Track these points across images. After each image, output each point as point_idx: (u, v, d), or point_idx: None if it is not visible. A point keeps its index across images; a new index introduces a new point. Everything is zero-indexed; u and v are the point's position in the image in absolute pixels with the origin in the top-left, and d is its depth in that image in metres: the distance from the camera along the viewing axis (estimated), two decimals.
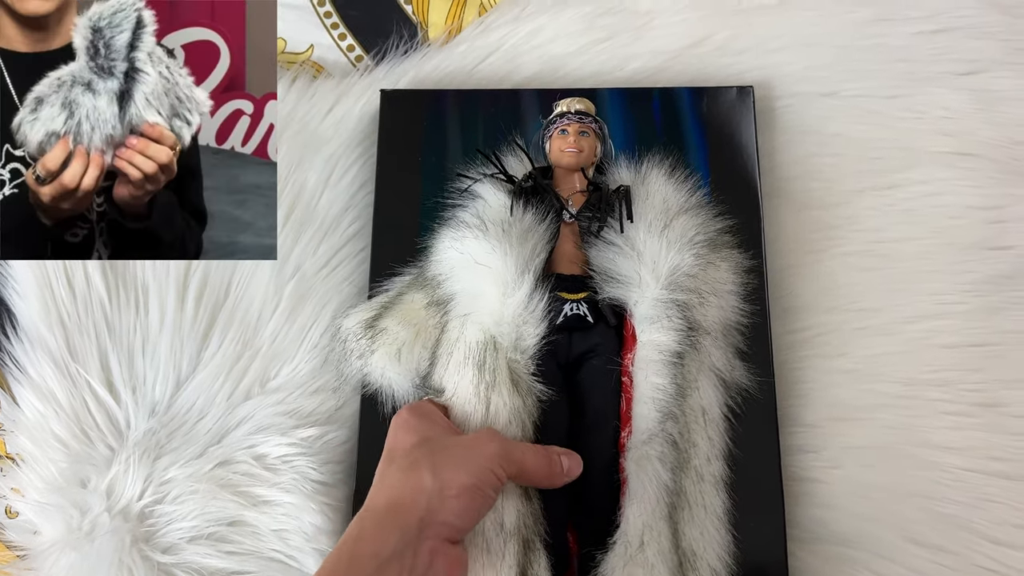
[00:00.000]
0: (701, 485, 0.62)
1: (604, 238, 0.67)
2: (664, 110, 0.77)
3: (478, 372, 0.63)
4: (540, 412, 0.64)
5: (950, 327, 0.73)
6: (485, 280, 0.65)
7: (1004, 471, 0.69)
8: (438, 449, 0.57)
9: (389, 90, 0.79)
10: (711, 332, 0.66)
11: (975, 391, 0.71)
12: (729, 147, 0.75)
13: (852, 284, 0.74)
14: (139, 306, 0.75)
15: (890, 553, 0.68)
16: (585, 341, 0.66)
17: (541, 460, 0.60)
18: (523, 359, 0.64)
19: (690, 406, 0.63)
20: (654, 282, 0.64)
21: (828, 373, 0.73)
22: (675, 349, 0.63)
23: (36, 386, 0.73)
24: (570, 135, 0.70)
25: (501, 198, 0.69)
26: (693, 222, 0.67)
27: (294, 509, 0.70)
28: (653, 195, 0.68)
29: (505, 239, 0.65)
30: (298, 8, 0.87)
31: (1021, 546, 0.67)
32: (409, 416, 0.61)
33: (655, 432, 0.62)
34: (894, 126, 0.79)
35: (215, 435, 0.72)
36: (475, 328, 0.65)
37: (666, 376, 0.63)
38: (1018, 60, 0.81)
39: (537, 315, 0.64)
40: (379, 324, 0.68)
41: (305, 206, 0.79)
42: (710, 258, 0.67)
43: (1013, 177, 0.76)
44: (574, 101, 0.72)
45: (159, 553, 0.69)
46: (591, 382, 0.66)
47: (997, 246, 0.75)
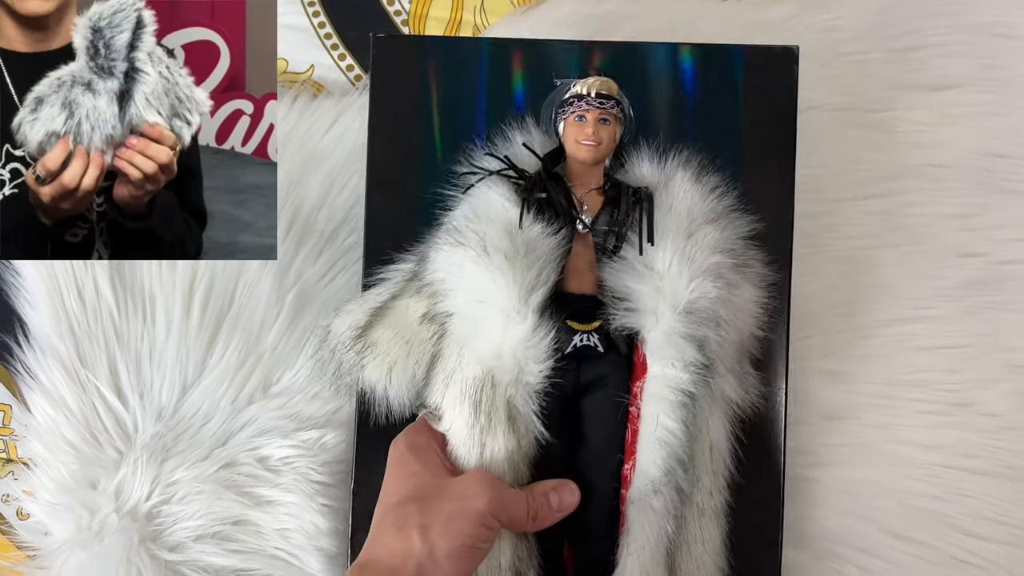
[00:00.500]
0: (702, 521, 0.60)
1: (620, 256, 0.60)
2: (702, 71, 0.68)
3: (473, 413, 0.59)
4: (536, 451, 0.60)
5: (926, 330, 0.76)
6: (485, 306, 0.59)
7: (978, 467, 0.72)
8: (430, 504, 0.55)
9: (383, 36, 0.70)
10: (727, 359, 0.61)
11: (951, 391, 0.74)
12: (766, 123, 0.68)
13: (833, 289, 0.78)
14: (146, 315, 0.78)
15: (872, 548, 0.71)
16: (594, 370, 0.61)
17: (530, 507, 0.58)
18: (523, 395, 0.58)
19: (699, 444, 0.60)
20: (671, 312, 0.57)
21: (812, 374, 0.76)
22: (689, 390, 0.58)
23: (47, 392, 0.76)
24: (588, 124, 0.61)
25: (505, 196, 0.61)
26: (720, 238, 0.60)
27: (296, 509, 0.73)
28: (677, 205, 0.61)
29: (511, 265, 0.58)
30: (300, 30, 0.90)
31: (995, 539, 0.70)
32: (407, 452, 0.59)
33: (661, 482, 0.58)
34: (871, 139, 0.83)
35: (220, 438, 0.74)
36: (473, 360, 0.59)
37: (677, 420, 0.58)
38: (988, 76, 0.84)
39: (542, 349, 0.58)
40: (369, 336, 0.63)
41: (306, 218, 0.82)
42: (736, 279, 0.60)
43: (984, 187, 0.80)
44: (595, 82, 0.62)
45: (166, 552, 0.71)
46: (596, 413, 0.61)
47: (970, 253, 0.78)
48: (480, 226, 0.60)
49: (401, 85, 0.69)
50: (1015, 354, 0.76)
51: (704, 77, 0.68)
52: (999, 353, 0.76)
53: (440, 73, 0.69)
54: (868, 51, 0.86)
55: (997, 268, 0.78)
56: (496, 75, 0.68)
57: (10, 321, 0.78)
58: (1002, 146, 0.81)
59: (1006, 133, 0.81)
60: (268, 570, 0.72)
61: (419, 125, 0.68)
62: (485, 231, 0.59)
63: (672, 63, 0.68)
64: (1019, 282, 0.77)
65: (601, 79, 0.62)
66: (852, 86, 0.84)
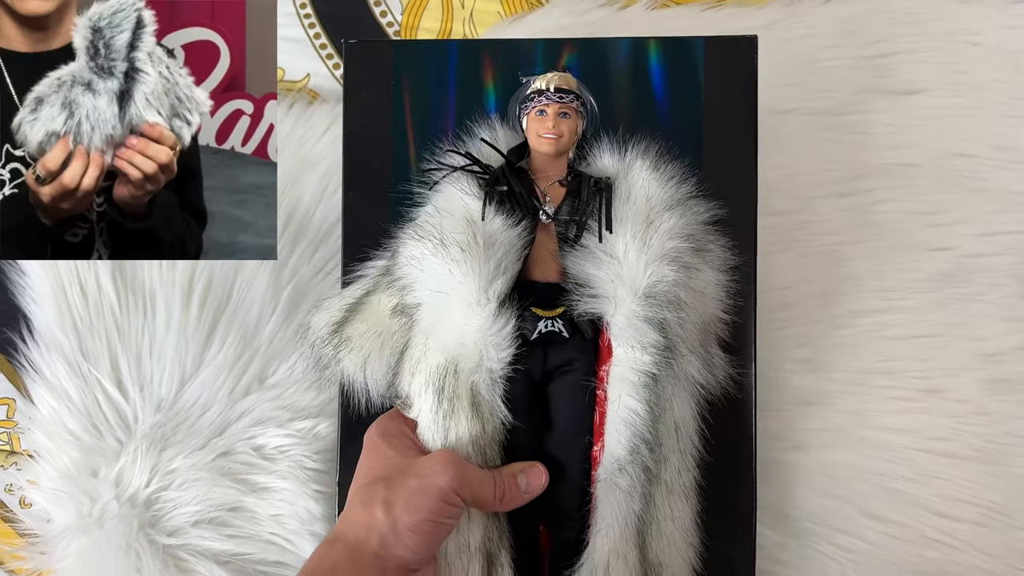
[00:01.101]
0: (671, 498, 0.61)
1: (582, 244, 0.62)
2: (665, 63, 0.70)
3: (436, 399, 0.60)
4: (504, 435, 0.61)
5: (897, 321, 0.79)
6: (445, 296, 0.60)
7: (947, 450, 0.75)
8: (395, 482, 0.57)
9: (355, 42, 0.72)
10: (689, 340, 0.62)
11: (920, 379, 0.77)
12: (727, 110, 0.69)
13: (808, 281, 0.81)
14: (147, 310, 0.80)
15: (848, 527, 0.74)
16: (560, 355, 0.62)
17: (497, 487, 0.59)
18: (486, 382, 0.60)
19: (664, 424, 0.60)
20: (631, 296, 0.59)
21: (789, 362, 0.79)
22: (651, 371, 0.59)
23: (51, 385, 0.78)
24: (549, 118, 0.63)
25: (466, 191, 0.62)
26: (678, 224, 0.61)
27: (290, 495, 0.75)
28: (636, 193, 0.62)
29: (466, 256, 0.59)
30: (296, 41, 0.94)
31: (964, 518, 0.73)
32: (378, 439, 0.61)
33: (626, 461, 0.59)
34: (844, 140, 0.86)
35: (217, 428, 0.77)
36: (436, 349, 0.61)
37: (641, 400, 0.59)
38: (955, 81, 0.88)
39: (504, 336, 0.59)
40: (345, 331, 0.64)
41: (301, 218, 0.85)
42: (695, 263, 0.62)
43: (950, 186, 0.83)
44: (553, 77, 0.64)
45: (164, 536, 0.74)
46: (564, 397, 0.62)
47: (938, 247, 0.81)
48: (439, 220, 0.61)
49: (374, 88, 0.71)
50: (983, 343, 0.79)
51: (668, 68, 0.70)
52: (967, 343, 0.79)
53: (411, 75, 0.71)
54: (840, 57, 0.89)
55: (965, 261, 0.81)
56: (466, 75, 0.71)
57: (15, 318, 0.81)
58: (968, 146, 0.84)
59: (972, 134, 0.84)
60: (263, 554, 0.75)
61: (392, 126, 0.70)
62: (443, 224, 0.61)
63: (636, 56, 0.70)
64: (986, 274, 0.80)
65: (560, 74, 0.64)
66: (824, 91, 0.87)
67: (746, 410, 0.67)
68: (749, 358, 0.67)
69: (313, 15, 0.96)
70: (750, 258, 0.67)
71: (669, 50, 0.71)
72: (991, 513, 0.74)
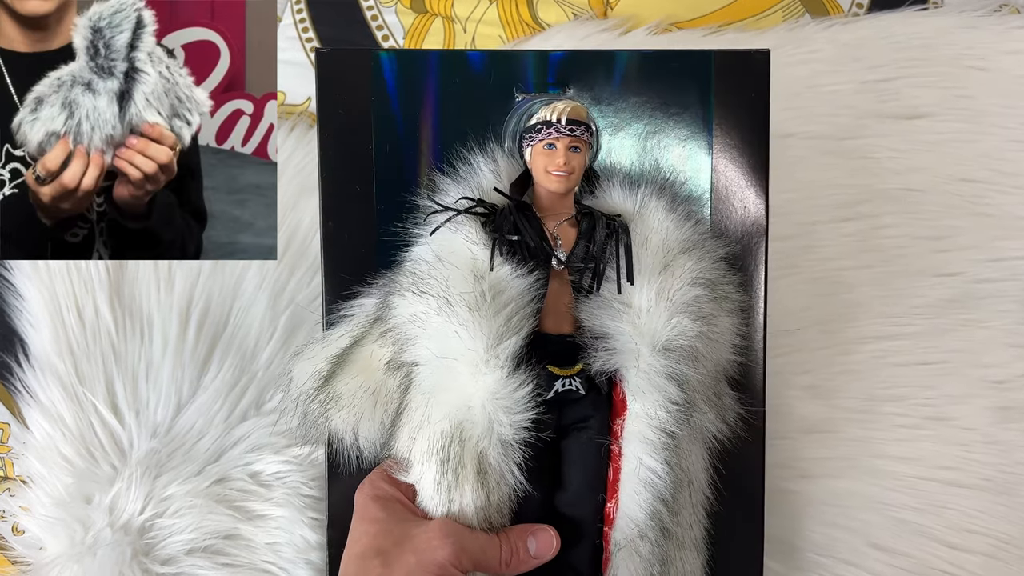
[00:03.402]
0: (682, 553, 0.58)
1: (597, 293, 0.57)
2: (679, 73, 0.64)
3: (440, 469, 0.55)
4: (513, 501, 0.56)
5: (903, 347, 0.78)
6: (450, 360, 0.55)
7: (955, 479, 0.73)
8: (392, 556, 0.54)
9: (325, 51, 0.66)
10: (705, 391, 0.58)
11: (927, 406, 0.76)
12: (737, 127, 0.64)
13: (812, 307, 0.80)
14: (144, 334, 0.80)
15: (855, 558, 0.72)
16: (575, 412, 0.57)
17: (504, 551, 0.55)
18: (496, 449, 0.55)
19: (678, 480, 0.57)
20: (649, 350, 0.55)
21: (794, 389, 0.78)
22: (671, 429, 0.55)
23: (45, 409, 0.78)
24: (559, 153, 0.57)
25: (471, 239, 0.56)
26: (697, 268, 0.57)
27: (286, 523, 0.74)
28: (652, 237, 0.57)
29: (475, 317, 0.54)
30: (297, 64, 0.94)
31: (974, 550, 0.71)
32: (370, 502, 0.57)
33: (647, 526, 0.56)
34: (847, 165, 0.85)
35: (213, 454, 0.76)
36: (440, 414, 0.55)
37: (660, 460, 0.55)
38: (959, 106, 0.87)
39: (517, 400, 0.54)
40: (333, 386, 0.59)
41: (300, 244, 0.84)
42: (713, 311, 0.57)
43: (955, 211, 0.82)
44: (564, 108, 0.58)
45: (158, 565, 0.72)
46: (578, 455, 0.58)
47: (944, 273, 0.81)
48: (444, 273, 0.55)
49: (350, 102, 0.64)
50: (989, 370, 0.78)
51: (674, 82, 0.64)
52: (974, 369, 0.78)
53: (392, 86, 0.65)
54: (842, 82, 0.89)
55: (970, 287, 0.80)
56: (447, 87, 0.64)
57: (11, 341, 0.81)
58: (973, 171, 0.83)
59: (976, 159, 0.84)
60: None
61: (371, 142, 0.64)
62: (448, 279, 0.55)
63: (641, 69, 0.65)
64: (992, 300, 0.79)
65: (571, 104, 0.58)
66: (827, 115, 0.87)
67: (755, 448, 0.63)
68: (758, 397, 0.63)
69: (315, 39, 0.96)
70: (759, 292, 0.64)
71: (675, 62, 0.65)
72: (1002, 544, 0.73)
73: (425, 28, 0.95)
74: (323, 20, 0.96)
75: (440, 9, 0.95)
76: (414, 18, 0.95)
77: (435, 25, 0.94)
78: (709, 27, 0.92)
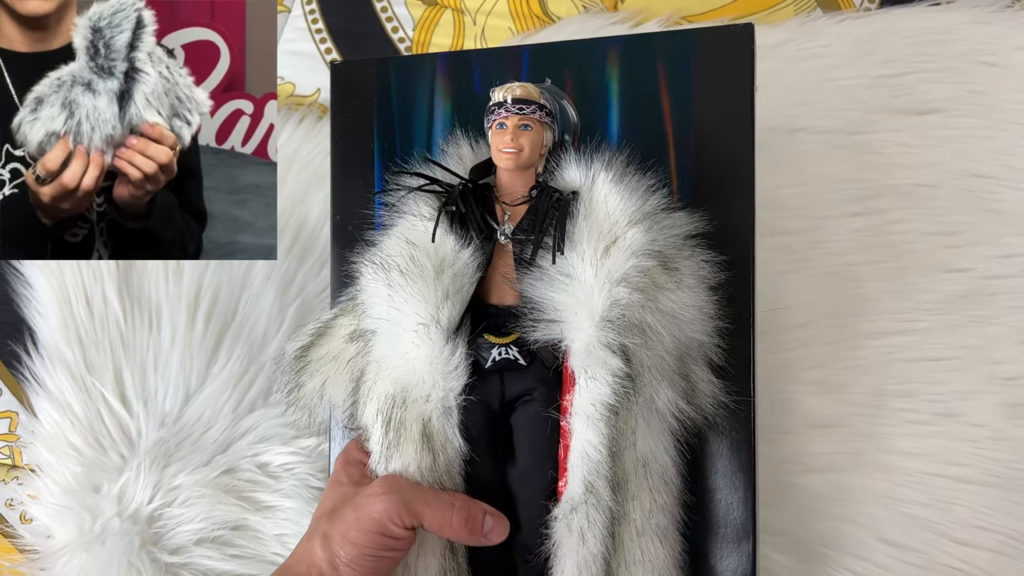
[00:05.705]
0: (641, 540, 0.56)
1: (538, 264, 0.57)
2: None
3: (383, 430, 0.57)
4: (463, 467, 0.57)
5: (912, 343, 0.78)
6: (390, 323, 0.57)
7: (964, 475, 0.73)
8: (338, 513, 0.55)
9: (340, 63, 0.71)
10: (659, 367, 0.56)
11: (936, 402, 0.76)
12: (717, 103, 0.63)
13: (821, 302, 0.80)
14: (152, 323, 0.80)
15: (863, 552, 0.72)
16: (518, 384, 0.58)
17: (447, 510, 0.55)
18: (438, 412, 0.56)
19: (626, 462, 0.55)
20: (589, 321, 0.54)
21: (802, 384, 0.77)
22: (610, 402, 0.54)
23: (54, 398, 0.78)
24: (508, 131, 0.58)
25: (415, 212, 0.60)
26: (641, 240, 0.56)
27: (295, 514, 0.74)
28: (596, 208, 0.57)
29: (407, 280, 0.57)
30: (307, 56, 0.94)
31: (982, 546, 0.71)
32: (340, 471, 0.59)
33: (580, 500, 0.55)
34: (858, 160, 0.85)
35: (221, 444, 0.76)
36: (387, 378, 0.58)
37: (597, 434, 0.54)
38: (971, 101, 0.87)
39: (453, 366, 0.56)
40: (308, 355, 0.62)
41: (308, 235, 0.85)
42: (663, 282, 0.56)
43: (966, 207, 0.82)
44: (513, 87, 0.59)
45: (167, 554, 0.73)
46: (525, 429, 0.58)
47: (954, 269, 0.80)
48: (385, 243, 0.59)
49: (359, 108, 0.68)
50: (999, 367, 0.77)
51: (661, 65, 0.64)
52: (984, 366, 0.77)
53: (399, 91, 0.68)
54: (854, 77, 0.88)
55: (981, 283, 0.79)
56: (447, 89, 0.68)
57: (20, 330, 0.81)
58: (984, 167, 0.83)
59: (988, 154, 0.83)
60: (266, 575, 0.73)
61: (381, 147, 0.68)
62: (385, 248, 0.59)
63: (627, 56, 0.65)
64: (1003, 297, 0.79)
65: (520, 84, 0.60)
66: (838, 110, 0.87)
67: (746, 436, 0.61)
68: (747, 382, 0.60)
69: (324, 30, 0.96)
70: (745, 273, 0.61)
71: (659, 45, 0.65)
72: (1010, 541, 0.72)
73: (435, 20, 0.95)
74: (332, 11, 0.96)
75: (450, 1, 0.94)
76: (424, 10, 0.94)
77: (445, 17, 0.94)
78: (720, 20, 0.91)
